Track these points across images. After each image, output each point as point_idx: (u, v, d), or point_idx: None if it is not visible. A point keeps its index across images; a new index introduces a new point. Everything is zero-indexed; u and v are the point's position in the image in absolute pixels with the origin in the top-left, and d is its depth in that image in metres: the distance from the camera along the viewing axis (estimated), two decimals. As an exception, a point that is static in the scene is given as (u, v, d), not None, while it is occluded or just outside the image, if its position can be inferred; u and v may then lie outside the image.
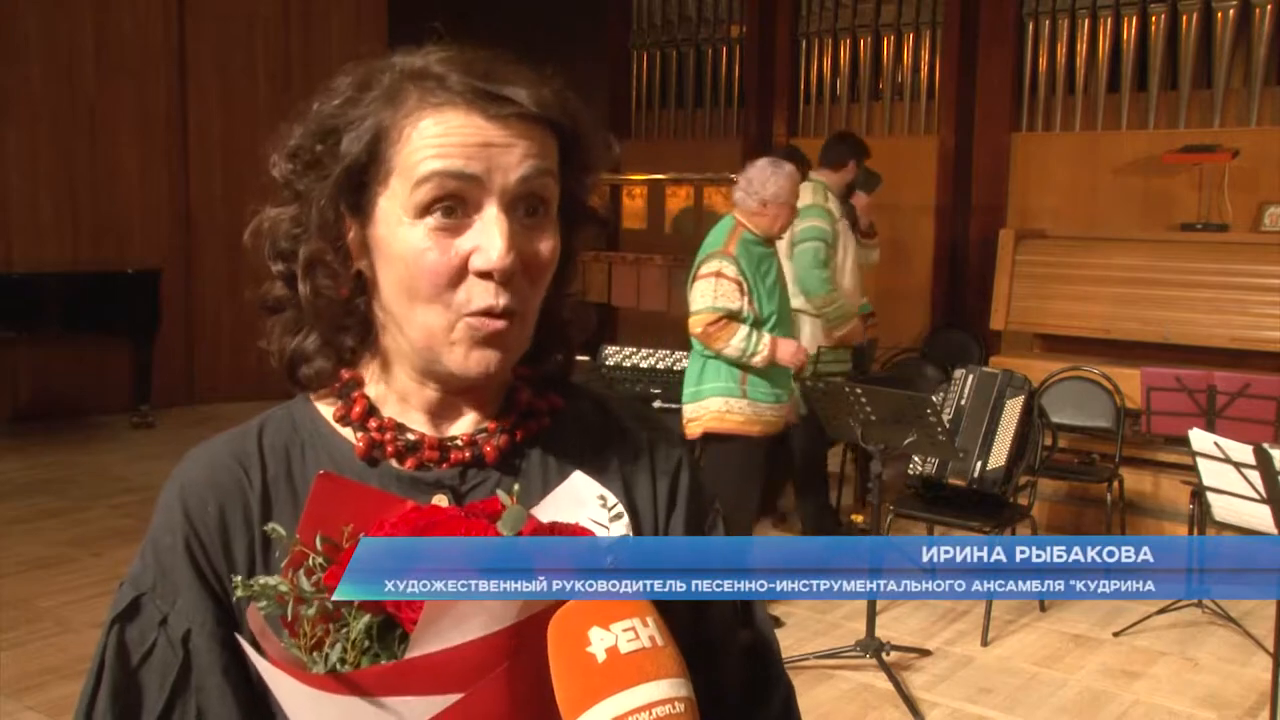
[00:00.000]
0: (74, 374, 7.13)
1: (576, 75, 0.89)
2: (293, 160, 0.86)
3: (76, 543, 4.82)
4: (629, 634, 0.68)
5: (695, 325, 3.82)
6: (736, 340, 3.76)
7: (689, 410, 3.92)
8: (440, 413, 0.90)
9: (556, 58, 0.88)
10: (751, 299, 3.82)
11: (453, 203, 0.81)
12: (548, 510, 0.82)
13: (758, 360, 3.78)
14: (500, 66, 0.84)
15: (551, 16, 7.96)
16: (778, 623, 4.01)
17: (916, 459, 4.22)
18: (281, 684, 0.74)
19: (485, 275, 0.81)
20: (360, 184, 0.84)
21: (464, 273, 0.82)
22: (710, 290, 3.79)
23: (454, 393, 0.89)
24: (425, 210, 0.81)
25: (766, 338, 3.79)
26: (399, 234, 0.82)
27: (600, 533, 0.80)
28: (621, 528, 0.82)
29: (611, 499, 0.84)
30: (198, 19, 7.56)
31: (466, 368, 0.84)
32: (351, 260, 0.86)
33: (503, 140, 0.81)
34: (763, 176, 3.88)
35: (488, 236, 0.81)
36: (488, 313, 0.82)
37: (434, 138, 0.81)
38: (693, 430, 3.94)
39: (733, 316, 3.79)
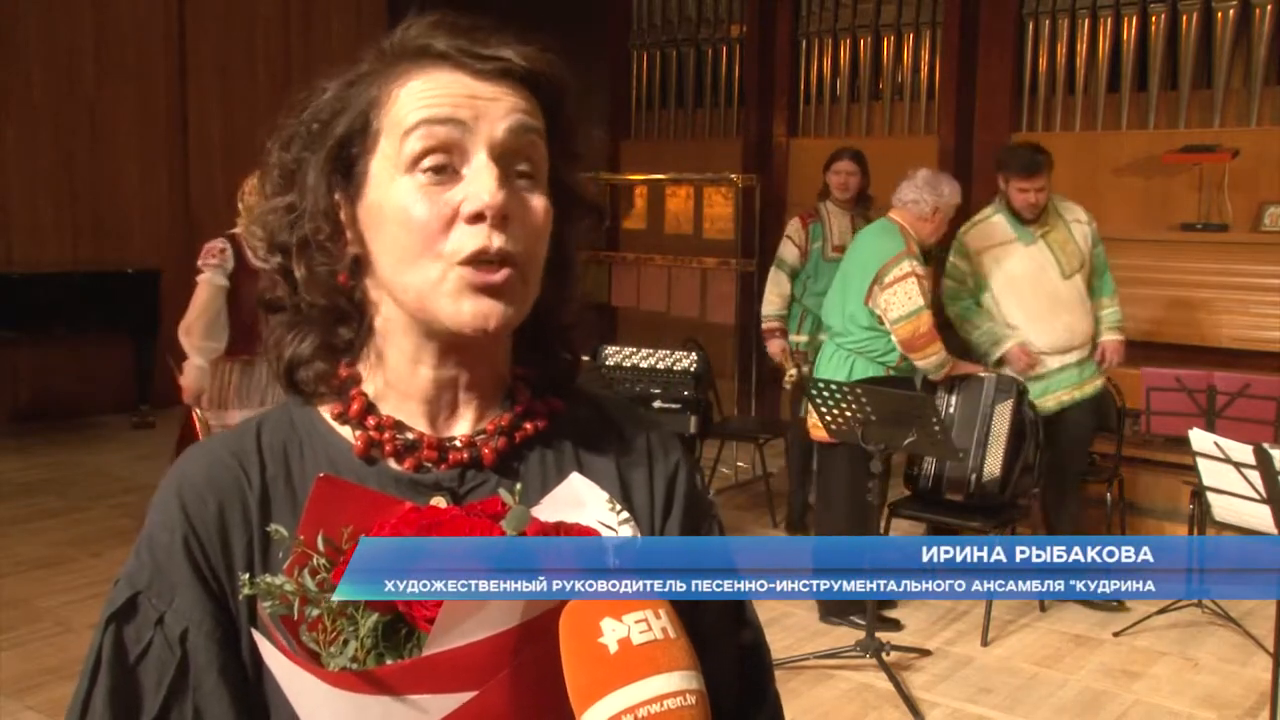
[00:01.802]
0: (74, 374, 7.12)
1: (576, 75, 0.90)
2: (287, 146, 0.87)
3: (76, 543, 4.82)
4: (641, 625, 0.68)
5: (918, 326, 3.88)
6: (940, 356, 3.94)
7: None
8: (437, 404, 0.89)
9: (554, 53, 0.89)
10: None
11: (443, 158, 0.82)
12: (546, 510, 0.82)
13: (943, 374, 4.01)
14: (488, 29, 0.86)
15: (551, 16, 7.95)
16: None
17: (914, 468, 4.22)
18: (297, 680, 0.74)
19: (476, 218, 0.81)
20: (351, 156, 0.85)
21: (454, 223, 0.82)
22: (915, 290, 3.88)
23: (450, 368, 0.88)
24: (415, 164, 0.82)
25: (951, 359, 3.99)
26: (389, 193, 0.82)
27: (607, 535, 0.80)
28: (629, 531, 0.82)
29: (619, 504, 0.84)
30: (198, 19, 7.56)
31: (463, 320, 0.82)
32: (345, 241, 0.86)
33: (490, 94, 0.83)
34: (937, 183, 3.96)
35: (477, 181, 0.81)
36: (482, 254, 0.81)
37: (421, 93, 0.82)
38: (819, 433, 3.93)
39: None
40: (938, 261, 4.66)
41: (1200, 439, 3.15)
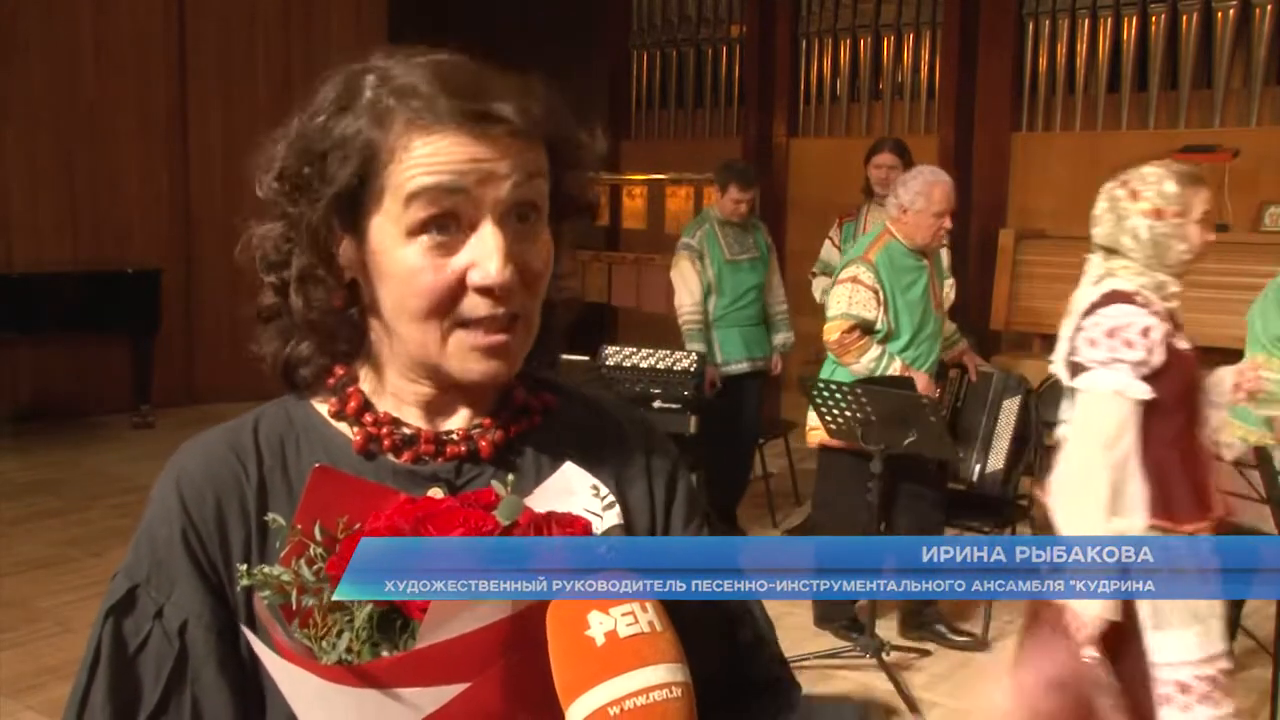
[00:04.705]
0: (74, 374, 7.12)
1: (576, 75, 0.89)
2: (280, 181, 0.86)
3: (76, 543, 4.82)
4: (628, 618, 0.69)
5: (830, 332, 3.73)
6: (867, 358, 3.69)
7: (815, 418, 3.78)
8: (435, 408, 0.90)
9: (556, 57, 0.89)
10: (887, 310, 3.70)
11: (446, 220, 0.81)
12: (539, 500, 0.83)
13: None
14: (487, 81, 0.83)
15: (551, 16, 7.97)
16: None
17: None
18: (290, 676, 0.74)
19: (484, 291, 0.82)
20: (353, 204, 0.84)
21: (461, 289, 0.82)
22: (845, 296, 3.70)
23: (449, 389, 0.89)
24: (419, 229, 0.81)
25: (897, 362, 3.71)
26: (394, 254, 0.82)
27: (594, 521, 0.81)
28: (614, 516, 0.83)
29: (604, 489, 0.85)
30: (198, 19, 7.56)
31: (470, 377, 0.85)
32: (343, 273, 0.86)
33: (492, 155, 0.82)
34: (904, 181, 3.76)
35: (484, 253, 0.81)
36: (489, 321, 0.82)
37: (424, 157, 0.81)
38: (814, 438, 3.85)
39: (866, 326, 3.68)
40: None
41: (1200, 439, 3.14)
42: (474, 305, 0.82)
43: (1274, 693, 3.12)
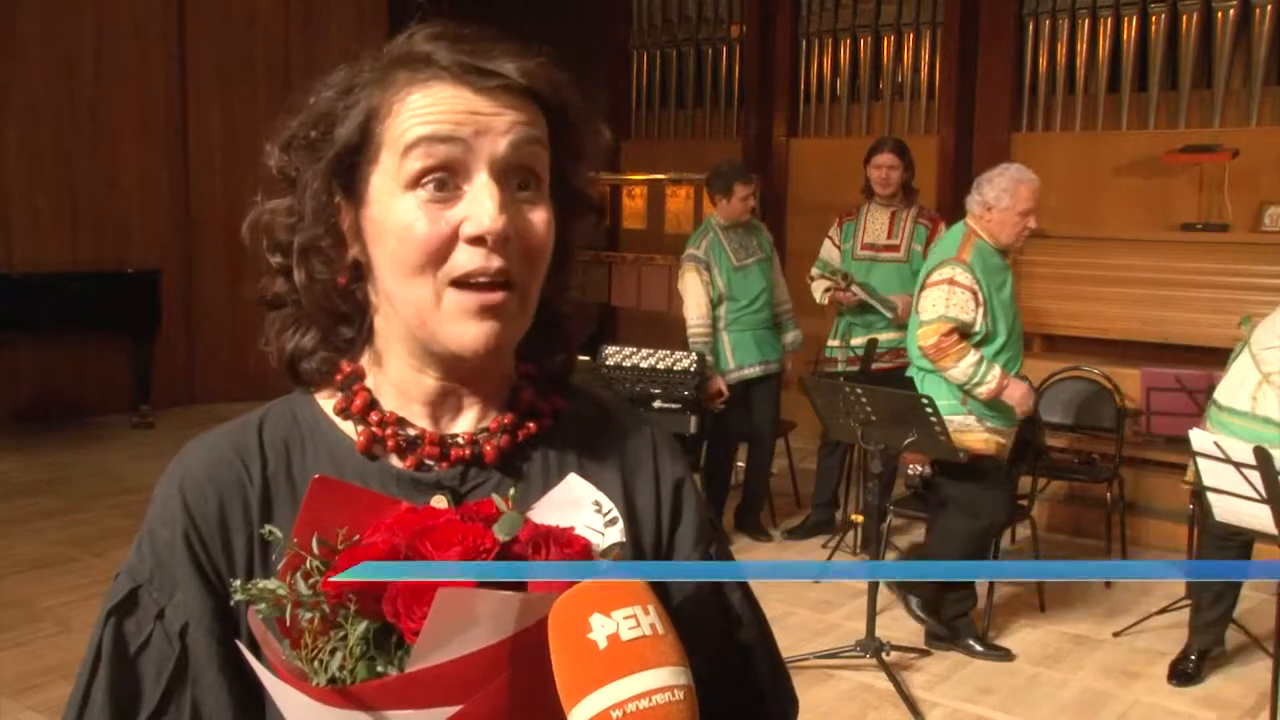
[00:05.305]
0: (74, 374, 7.13)
1: (576, 75, 0.89)
2: (287, 149, 0.86)
3: (76, 543, 4.83)
4: (630, 621, 0.68)
5: (926, 336, 3.59)
6: (966, 363, 3.55)
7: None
8: (440, 406, 0.89)
9: (556, 57, 0.88)
10: (985, 311, 3.59)
11: (443, 174, 0.81)
12: (543, 512, 0.82)
13: (982, 392, 3.58)
14: (486, 42, 0.84)
15: (551, 16, 7.96)
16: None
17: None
18: (283, 694, 0.74)
19: (477, 241, 0.81)
20: (353, 165, 0.84)
21: (454, 242, 0.81)
22: (942, 299, 3.56)
23: (453, 379, 0.88)
24: (416, 182, 0.81)
25: (996, 369, 3.58)
26: (391, 208, 0.82)
27: (594, 538, 0.80)
28: (616, 534, 0.82)
29: (607, 504, 0.83)
30: (198, 19, 7.56)
31: (463, 342, 0.83)
32: (346, 247, 0.86)
33: (490, 109, 0.82)
34: (989, 178, 3.66)
35: (478, 203, 0.81)
36: (481, 274, 0.81)
37: (422, 108, 0.82)
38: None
39: (964, 329, 3.57)
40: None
41: (1200, 439, 3.14)
42: (466, 258, 0.81)
43: (1274, 693, 3.12)
